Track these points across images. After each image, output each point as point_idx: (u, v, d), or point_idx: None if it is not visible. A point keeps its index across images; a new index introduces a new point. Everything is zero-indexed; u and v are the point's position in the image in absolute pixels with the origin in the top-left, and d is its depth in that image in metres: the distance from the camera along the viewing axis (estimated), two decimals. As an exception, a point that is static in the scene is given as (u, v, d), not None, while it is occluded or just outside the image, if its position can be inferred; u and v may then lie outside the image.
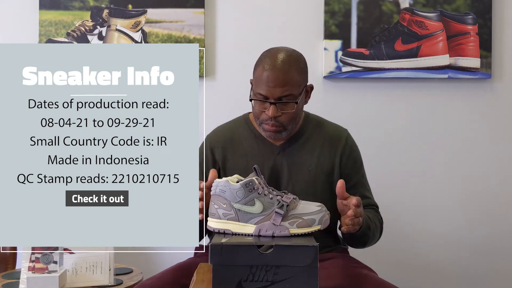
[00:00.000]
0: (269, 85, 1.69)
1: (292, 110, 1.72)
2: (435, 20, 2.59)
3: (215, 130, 1.92)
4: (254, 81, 1.76)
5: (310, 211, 1.48)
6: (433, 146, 2.63)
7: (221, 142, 1.85)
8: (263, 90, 1.71)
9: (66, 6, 2.56)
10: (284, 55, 1.73)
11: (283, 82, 1.69)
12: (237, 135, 1.86)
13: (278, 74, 1.69)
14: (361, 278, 1.66)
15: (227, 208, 1.47)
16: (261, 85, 1.71)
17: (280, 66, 1.70)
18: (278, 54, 1.73)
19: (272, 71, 1.69)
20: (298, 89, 1.73)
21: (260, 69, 1.73)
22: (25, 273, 1.75)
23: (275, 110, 1.71)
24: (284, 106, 1.72)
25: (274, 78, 1.69)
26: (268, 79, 1.69)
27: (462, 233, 2.65)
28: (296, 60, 1.75)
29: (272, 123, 1.73)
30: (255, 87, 1.75)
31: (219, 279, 1.36)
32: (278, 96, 1.70)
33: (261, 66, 1.73)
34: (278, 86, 1.69)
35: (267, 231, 1.44)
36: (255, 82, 1.76)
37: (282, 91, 1.70)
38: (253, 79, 1.78)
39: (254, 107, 1.77)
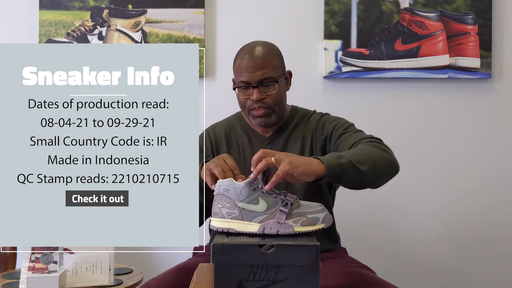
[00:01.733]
0: (249, 70, 1.80)
1: (274, 91, 1.81)
2: (435, 20, 2.59)
3: (212, 125, 2.00)
4: (235, 73, 1.86)
5: (314, 209, 1.48)
6: (433, 146, 2.63)
7: (217, 136, 1.94)
8: (244, 76, 1.81)
9: (66, 6, 2.56)
10: (258, 44, 1.85)
11: (262, 65, 1.79)
12: (231, 129, 1.95)
13: (255, 59, 1.80)
14: (360, 278, 1.66)
15: (231, 207, 1.47)
16: (241, 73, 1.82)
17: (256, 53, 1.81)
18: (252, 44, 1.86)
19: (250, 57, 1.81)
20: (276, 72, 1.82)
21: (238, 60, 1.84)
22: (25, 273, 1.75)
23: (258, 93, 1.80)
24: (266, 88, 1.81)
25: (253, 63, 1.80)
26: (247, 65, 1.80)
27: (463, 233, 2.65)
28: (270, 47, 1.86)
29: (259, 105, 1.81)
30: (236, 78, 1.85)
31: (221, 278, 1.36)
32: (258, 79, 1.80)
33: (239, 57, 1.85)
34: (258, 69, 1.79)
35: (271, 229, 1.44)
36: (236, 74, 1.86)
37: (262, 74, 1.79)
38: (234, 72, 1.87)
39: (239, 97, 1.86)
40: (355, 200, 2.51)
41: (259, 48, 1.82)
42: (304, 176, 1.47)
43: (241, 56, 1.84)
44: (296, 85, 2.55)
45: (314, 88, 2.60)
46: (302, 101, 2.13)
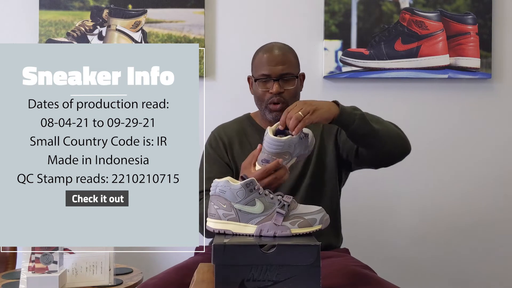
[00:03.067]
0: (271, 64, 1.86)
1: (293, 86, 1.87)
2: (435, 20, 2.59)
3: (221, 125, 2.02)
4: (254, 67, 1.91)
5: (311, 210, 1.48)
6: (433, 146, 2.63)
7: (229, 136, 1.95)
8: (265, 70, 1.86)
9: (66, 6, 2.56)
10: (278, 43, 1.93)
11: (283, 60, 1.87)
12: (242, 130, 1.96)
13: (277, 54, 1.87)
14: (361, 277, 1.66)
15: (227, 209, 1.47)
16: (262, 67, 1.87)
17: (277, 49, 1.89)
18: (273, 43, 1.93)
19: (271, 52, 1.88)
20: (295, 69, 1.90)
21: (259, 55, 1.90)
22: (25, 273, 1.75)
23: (278, 87, 1.85)
24: (286, 83, 1.87)
25: (274, 57, 1.87)
26: (268, 59, 1.86)
27: (464, 233, 2.65)
28: (289, 47, 1.94)
29: (278, 98, 1.86)
30: (256, 72, 1.90)
31: (222, 279, 1.36)
32: (279, 73, 1.85)
33: (260, 52, 1.90)
34: (279, 64, 1.86)
35: (268, 231, 1.44)
36: (255, 68, 1.90)
37: (283, 69, 1.86)
38: (253, 67, 1.92)
39: (257, 90, 1.89)
40: (355, 201, 2.50)
41: (280, 45, 1.91)
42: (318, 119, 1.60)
43: (262, 51, 1.90)
44: (296, 85, 2.56)
45: (314, 88, 2.59)
46: (302, 101, 2.12)
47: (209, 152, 1.93)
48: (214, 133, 1.98)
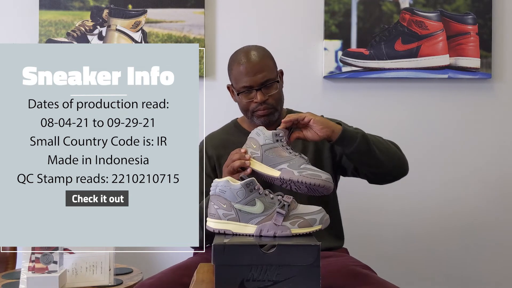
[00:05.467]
0: (249, 75, 1.84)
1: (276, 91, 1.86)
2: (435, 20, 2.59)
3: (208, 136, 1.99)
4: (234, 79, 1.89)
5: (311, 211, 1.48)
6: (433, 146, 2.63)
7: (215, 146, 1.93)
8: (246, 82, 1.84)
9: (66, 6, 2.56)
10: (251, 48, 1.89)
11: (260, 68, 1.84)
12: (230, 138, 1.94)
13: (254, 64, 1.84)
14: (360, 277, 1.66)
15: (227, 209, 1.47)
16: (242, 79, 1.85)
17: (253, 57, 1.85)
18: (245, 49, 1.89)
19: (248, 62, 1.84)
20: (274, 72, 1.88)
21: (236, 66, 1.87)
22: (25, 273, 1.75)
23: (262, 95, 1.84)
24: (268, 90, 1.86)
25: (252, 67, 1.84)
26: (247, 70, 1.84)
27: (464, 233, 2.65)
28: (263, 49, 1.90)
29: (264, 106, 1.86)
30: (236, 84, 1.88)
31: (222, 279, 1.36)
32: (260, 82, 1.84)
33: (236, 63, 1.87)
34: (258, 72, 1.84)
35: (268, 231, 1.44)
36: (235, 80, 1.88)
37: (263, 77, 1.84)
38: (232, 78, 1.90)
39: (241, 101, 1.88)
40: (355, 201, 2.51)
41: (254, 52, 1.87)
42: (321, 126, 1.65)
43: (237, 62, 1.86)
44: (296, 85, 2.55)
45: (314, 88, 2.60)
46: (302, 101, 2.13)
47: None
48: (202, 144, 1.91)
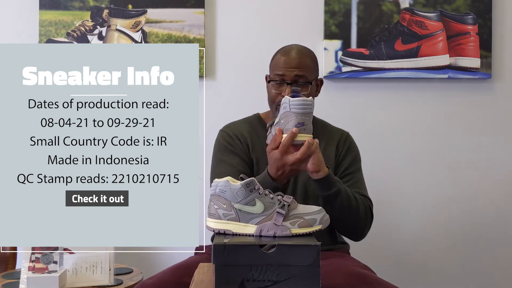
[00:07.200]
0: (286, 66, 1.85)
1: (306, 92, 1.83)
2: (435, 20, 2.59)
3: (231, 124, 2.00)
4: (271, 67, 1.91)
5: (311, 211, 1.48)
6: (433, 146, 2.63)
7: (243, 134, 1.94)
8: (280, 71, 1.86)
9: (66, 6, 2.56)
10: (299, 46, 1.92)
11: (298, 64, 1.85)
12: (254, 129, 1.95)
13: (294, 57, 1.86)
14: (360, 278, 1.66)
15: (227, 208, 1.47)
16: (278, 68, 1.87)
17: (295, 52, 1.88)
18: (293, 45, 1.93)
19: (289, 55, 1.87)
20: (311, 74, 1.88)
21: (277, 56, 1.90)
22: (25, 273, 1.75)
23: (290, 90, 1.81)
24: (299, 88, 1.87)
25: (292, 60, 1.86)
26: (285, 61, 1.86)
27: (464, 233, 2.64)
28: (309, 51, 1.93)
29: None
30: (271, 73, 1.90)
31: (222, 279, 1.36)
32: (293, 76, 1.84)
33: (279, 53, 1.90)
34: (294, 67, 1.85)
35: (268, 231, 1.44)
36: (272, 67, 1.90)
37: (298, 72, 1.85)
38: (270, 67, 1.92)
39: (270, 91, 1.89)
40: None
41: (300, 49, 1.89)
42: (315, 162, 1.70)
43: (281, 53, 1.89)
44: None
45: (314, 88, 2.59)
46: (302, 101, 2.11)
47: (225, 146, 1.90)
48: (226, 131, 1.95)
